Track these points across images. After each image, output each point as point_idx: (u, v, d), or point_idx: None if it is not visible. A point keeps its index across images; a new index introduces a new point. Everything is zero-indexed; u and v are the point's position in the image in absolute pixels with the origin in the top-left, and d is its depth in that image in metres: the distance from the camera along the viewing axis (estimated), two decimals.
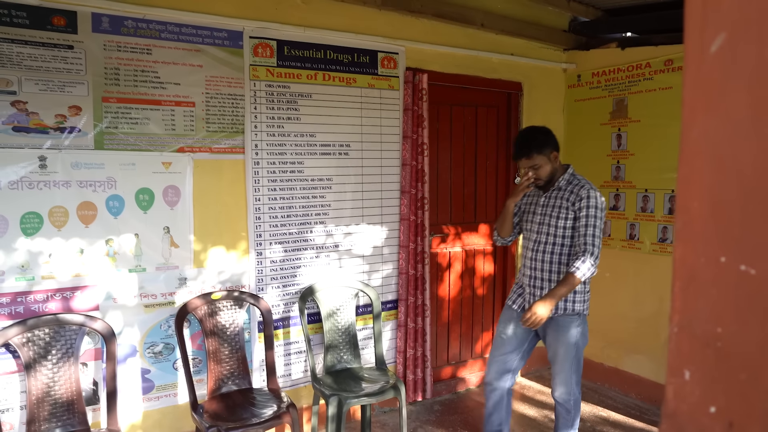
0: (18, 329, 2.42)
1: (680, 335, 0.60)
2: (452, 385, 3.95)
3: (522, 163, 2.65)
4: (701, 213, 0.58)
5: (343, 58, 3.27)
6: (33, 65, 2.50)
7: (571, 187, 2.62)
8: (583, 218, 2.53)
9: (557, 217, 2.61)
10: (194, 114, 2.86)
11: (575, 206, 2.56)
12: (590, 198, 2.54)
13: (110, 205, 2.69)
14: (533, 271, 2.72)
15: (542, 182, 2.66)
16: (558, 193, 2.65)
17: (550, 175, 2.65)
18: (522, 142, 2.65)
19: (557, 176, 2.68)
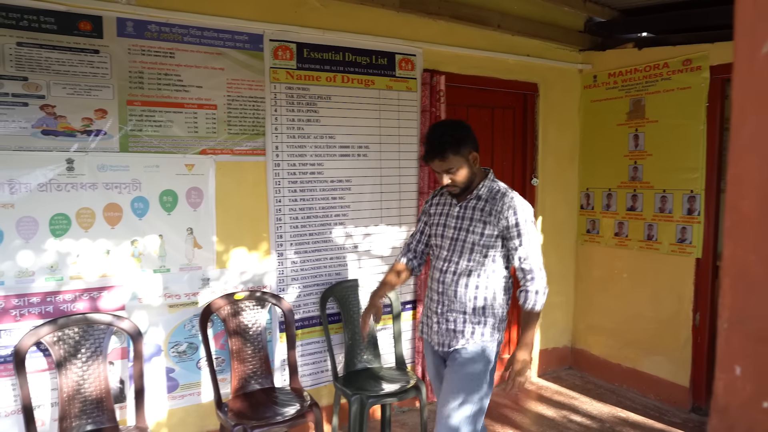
0: (49, 328, 2.48)
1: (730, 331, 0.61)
2: None
3: (435, 166, 2.18)
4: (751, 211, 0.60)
5: (361, 60, 3.30)
6: (60, 70, 2.56)
7: (491, 196, 2.20)
8: (515, 237, 2.12)
9: (473, 231, 2.18)
10: (216, 116, 2.90)
11: (499, 221, 2.13)
12: (519, 210, 2.11)
13: (135, 207, 2.73)
14: (442, 297, 2.26)
15: (458, 189, 2.21)
16: (477, 203, 2.21)
17: (467, 180, 2.19)
18: (434, 140, 2.15)
19: (476, 182, 2.24)
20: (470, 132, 2.22)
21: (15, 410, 2.50)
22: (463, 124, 2.24)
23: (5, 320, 2.48)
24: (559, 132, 4.22)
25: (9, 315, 2.49)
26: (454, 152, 2.12)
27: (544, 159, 4.16)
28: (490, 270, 2.20)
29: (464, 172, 2.16)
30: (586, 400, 3.84)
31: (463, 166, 2.15)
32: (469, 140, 2.18)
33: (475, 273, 2.20)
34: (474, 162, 2.19)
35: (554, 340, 4.35)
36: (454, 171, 2.15)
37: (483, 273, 2.20)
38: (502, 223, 2.13)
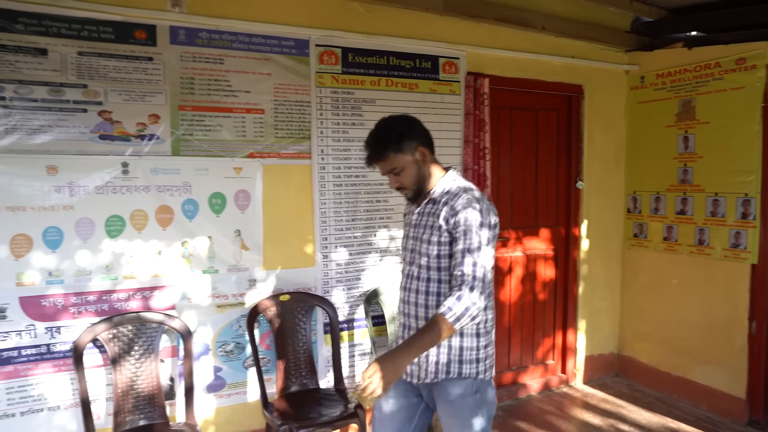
0: (105, 326, 2.57)
1: None
2: (513, 390, 3.91)
3: (380, 168, 1.94)
4: None
5: (405, 63, 3.31)
6: (117, 77, 2.66)
7: (447, 198, 1.88)
8: (459, 240, 1.79)
9: (429, 240, 1.87)
10: (263, 121, 2.96)
11: (450, 224, 1.82)
12: (467, 210, 1.79)
13: (186, 209, 2.81)
14: (406, 318, 1.97)
15: (409, 192, 1.95)
16: (432, 207, 1.91)
17: (417, 181, 1.92)
18: (373, 139, 1.92)
19: (430, 183, 1.95)
20: (416, 126, 1.95)
21: (73, 403, 2.60)
22: (406, 118, 1.99)
23: (65, 317, 2.59)
24: (605, 134, 4.14)
25: (68, 312, 2.59)
26: (396, 150, 1.87)
27: (590, 162, 4.08)
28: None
29: (411, 172, 1.90)
30: (635, 409, 3.74)
31: (409, 165, 1.89)
32: (414, 135, 1.91)
33: (433, 288, 1.87)
34: (423, 160, 1.91)
35: (600, 346, 4.26)
36: (398, 171, 1.90)
37: (443, 288, 1.86)
38: (450, 226, 1.82)
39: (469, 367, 1.86)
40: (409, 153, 1.89)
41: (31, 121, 2.51)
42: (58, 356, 2.58)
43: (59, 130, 2.56)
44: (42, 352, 2.56)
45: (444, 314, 1.69)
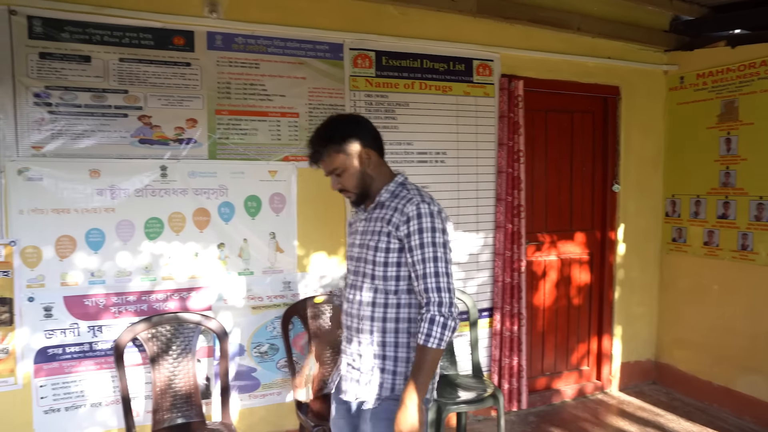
0: (144, 325, 2.63)
1: None
2: (547, 396, 3.86)
3: (323, 168, 1.83)
4: None
5: (438, 66, 3.31)
6: (156, 82, 2.72)
7: (396, 203, 1.75)
8: (416, 250, 1.67)
9: (376, 247, 1.74)
10: (298, 124, 2.99)
11: (400, 231, 1.70)
12: (421, 217, 1.67)
13: (222, 212, 2.86)
14: (348, 331, 1.85)
15: (352, 195, 1.83)
16: (380, 212, 1.79)
17: (360, 184, 1.80)
18: (315, 137, 1.81)
19: (376, 186, 1.82)
20: (362, 126, 1.84)
21: (114, 400, 2.67)
22: (353, 118, 1.90)
23: (106, 316, 2.66)
24: (643, 136, 4.05)
25: (109, 312, 2.66)
26: (338, 150, 1.76)
27: (627, 164, 4.00)
28: (404, 301, 1.74)
29: (353, 174, 1.78)
30: (673, 418, 3.64)
31: (352, 167, 1.77)
32: (358, 136, 1.78)
33: (380, 299, 1.75)
34: (368, 162, 1.79)
35: (636, 352, 4.16)
36: (340, 173, 1.79)
37: (390, 299, 1.74)
38: (403, 233, 1.70)
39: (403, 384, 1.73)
40: (352, 154, 1.77)
41: (75, 126, 2.59)
42: (99, 354, 2.65)
43: (101, 134, 2.63)
44: (85, 350, 2.63)
45: (425, 344, 1.63)
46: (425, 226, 1.67)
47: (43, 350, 2.56)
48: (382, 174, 1.83)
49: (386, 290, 1.74)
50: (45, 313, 2.57)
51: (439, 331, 1.62)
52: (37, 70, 2.52)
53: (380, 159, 1.84)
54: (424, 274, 1.66)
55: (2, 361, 2.51)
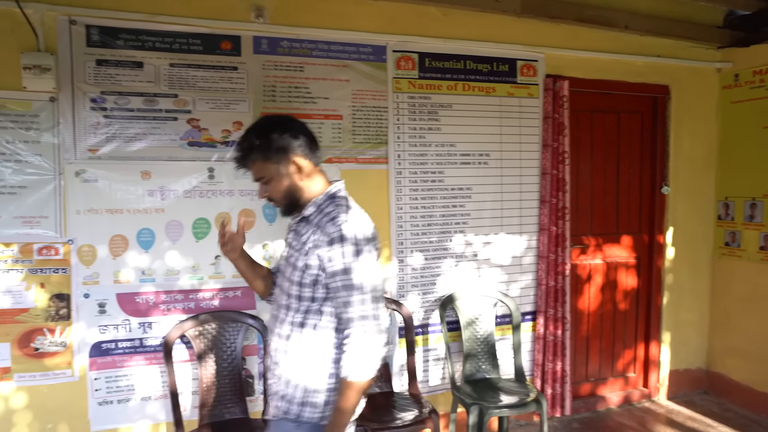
0: (192, 323, 2.70)
1: None
2: (591, 403, 3.78)
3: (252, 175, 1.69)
4: None
5: (482, 67, 3.28)
6: (204, 86, 2.79)
7: (320, 219, 1.61)
8: (338, 275, 1.54)
9: (294, 265, 1.62)
10: (341, 126, 3.02)
11: (322, 251, 1.55)
12: (344, 241, 1.53)
13: (266, 213, 2.91)
14: (272, 351, 1.71)
15: (279, 205, 1.70)
16: (304, 226, 1.65)
17: (286, 194, 1.66)
18: (240, 141, 1.67)
19: (307, 197, 1.67)
20: (292, 132, 1.64)
21: (162, 395, 2.75)
22: (283, 121, 1.70)
23: (155, 313, 2.74)
24: (693, 136, 3.92)
25: (158, 309, 2.75)
26: (264, 158, 1.61)
27: (676, 166, 3.88)
28: (321, 326, 1.60)
29: (280, 183, 1.64)
30: (726, 430, 3.51)
31: (278, 176, 1.63)
32: (286, 142, 1.61)
33: (297, 320, 1.62)
34: (297, 171, 1.63)
35: (686, 360, 4.03)
36: (266, 181, 1.65)
37: (308, 321, 1.61)
38: (325, 255, 1.55)
39: (311, 411, 1.60)
40: (279, 162, 1.62)
41: (128, 129, 2.68)
42: (149, 350, 2.74)
43: (152, 137, 2.72)
44: (135, 345, 2.72)
45: (347, 379, 1.52)
46: (347, 250, 1.52)
47: (98, 345, 2.67)
48: (314, 184, 1.68)
49: (297, 309, 1.61)
50: (99, 309, 2.67)
51: (362, 361, 1.51)
52: (94, 76, 2.63)
53: (314, 167, 1.68)
54: (346, 302, 1.53)
55: (61, 353, 2.63)
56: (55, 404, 2.63)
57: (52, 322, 2.62)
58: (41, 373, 2.61)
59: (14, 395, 2.59)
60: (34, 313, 2.59)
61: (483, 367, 3.19)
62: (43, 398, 2.61)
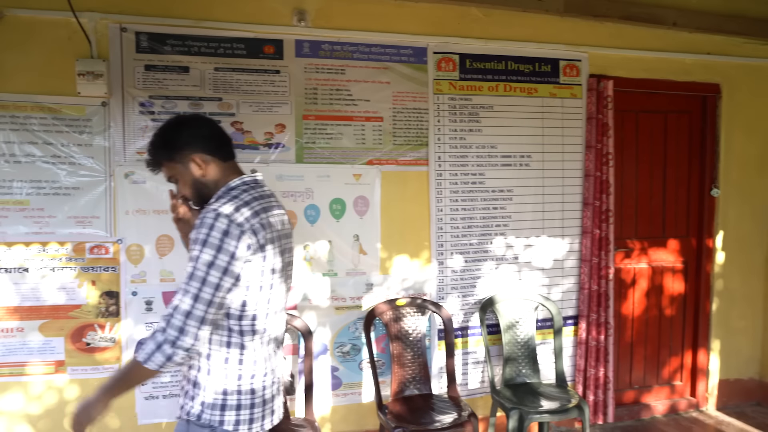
0: None
1: None
2: (635, 411, 3.68)
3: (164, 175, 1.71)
4: None
5: (524, 68, 3.24)
6: (248, 90, 2.85)
7: None
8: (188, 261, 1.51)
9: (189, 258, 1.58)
10: (382, 128, 3.03)
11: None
12: (201, 227, 1.48)
13: (308, 214, 2.94)
14: None
15: (195, 203, 1.71)
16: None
17: (194, 192, 1.66)
18: (148, 144, 1.67)
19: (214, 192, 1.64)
20: (195, 129, 1.65)
21: None
22: (184, 121, 1.69)
23: None
24: (746, 136, 3.77)
25: None
26: (168, 157, 1.62)
27: (727, 167, 3.74)
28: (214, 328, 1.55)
29: (186, 182, 1.64)
30: None
31: (184, 174, 1.63)
32: (189, 140, 1.61)
33: None
34: (201, 168, 1.61)
35: (737, 370, 3.88)
36: (176, 181, 1.66)
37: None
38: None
39: (211, 413, 1.54)
40: (182, 160, 1.61)
41: None
42: None
43: None
44: None
45: (135, 353, 1.46)
46: (199, 237, 1.48)
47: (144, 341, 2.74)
48: (223, 179, 1.65)
49: None
50: (146, 306, 2.75)
51: (152, 348, 1.44)
52: (143, 81, 2.72)
53: (222, 163, 1.65)
54: (178, 290, 1.48)
55: (110, 349, 2.72)
56: None
57: (103, 319, 2.71)
58: (92, 367, 2.71)
59: (68, 387, 2.69)
60: (86, 310, 2.70)
61: (523, 372, 3.15)
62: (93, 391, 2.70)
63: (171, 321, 1.44)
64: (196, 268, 1.45)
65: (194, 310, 1.44)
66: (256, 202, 1.58)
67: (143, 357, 1.44)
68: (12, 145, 2.60)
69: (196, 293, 1.45)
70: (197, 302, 1.45)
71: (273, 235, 1.59)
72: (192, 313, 1.44)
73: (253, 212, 1.54)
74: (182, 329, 1.43)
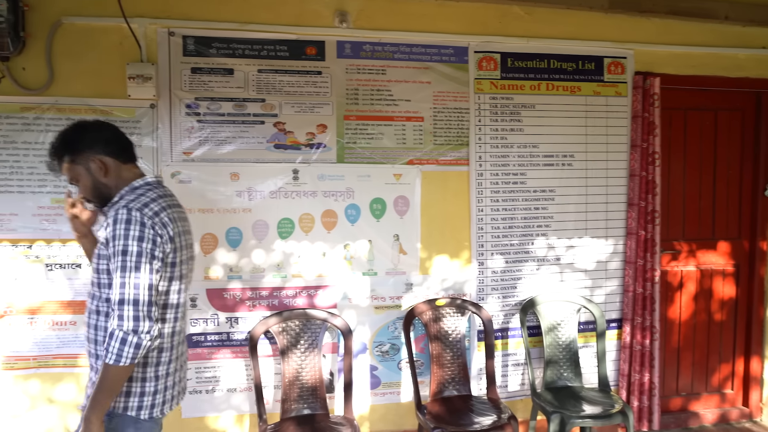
0: (276, 319, 2.80)
1: None
2: (682, 418, 3.56)
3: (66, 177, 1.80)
4: None
5: (567, 66, 3.19)
6: (290, 91, 2.89)
7: (111, 209, 1.70)
8: (112, 258, 1.59)
9: (97, 254, 1.68)
10: (423, 128, 3.03)
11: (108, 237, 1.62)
12: (117, 223, 1.59)
13: (348, 214, 2.96)
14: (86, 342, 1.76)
15: (93, 202, 1.81)
16: (104, 220, 1.71)
17: (94, 194, 1.76)
18: (50, 148, 1.76)
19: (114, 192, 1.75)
20: (93, 132, 1.75)
21: (247, 387, 2.87)
22: (83, 125, 1.77)
23: (241, 309, 2.86)
24: None
25: (244, 305, 2.87)
26: (68, 160, 1.72)
27: None
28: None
29: (86, 184, 1.74)
30: None
31: (84, 176, 1.73)
32: (87, 143, 1.72)
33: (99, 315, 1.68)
34: (102, 170, 1.72)
35: None
36: (77, 182, 1.76)
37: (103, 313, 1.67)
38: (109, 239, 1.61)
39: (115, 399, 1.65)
40: (83, 163, 1.72)
41: (219, 133, 2.83)
42: (235, 344, 2.86)
43: (241, 140, 2.84)
44: (223, 339, 2.86)
45: (106, 359, 1.55)
46: (119, 233, 1.58)
47: (188, 337, 2.82)
48: (124, 180, 1.76)
49: (99, 296, 1.67)
50: (191, 303, 2.82)
51: (117, 346, 1.54)
52: (189, 83, 2.79)
53: (122, 165, 1.76)
54: (114, 284, 1.58)
55: None
56: None
57: None
58: None
59: None
60: None
61: (565, 375, 3.09)
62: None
63: (123, 315, 1.55)
64: (126, 260, 1.57)
65: (140, 296, 1.57)
66: (161, 200, 1.71)
67: (114, 359, 1.54)
68: None
69: (136, 282, 1.57)
70: (139, 289, 1.57)
71: (179, 230, 1.73)
72: (139, 299, 1.57)
73: (160, 207, 1.68)
74: (137, 317, 1.55)
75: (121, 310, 1.55)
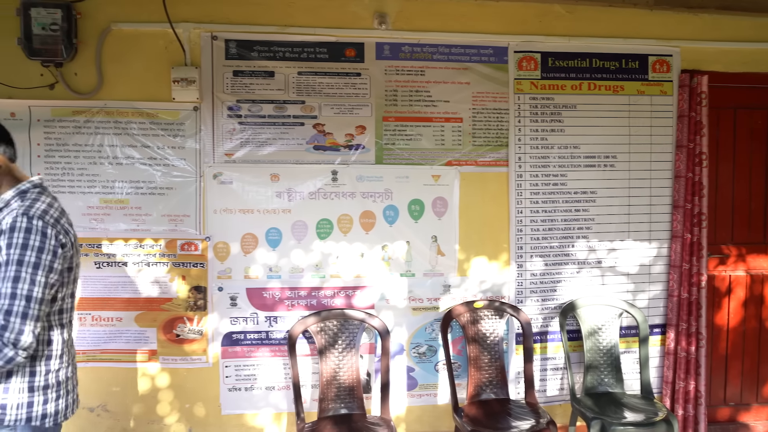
0: (315, 319, 2.83)
1: None
2: (730, 430, 3.43)
3: None
4: None
5: (609, 65, 3.12)
6: (329, 92, 2.92)
7: (4, 214, 1.62)
8: (4, 266, 1.54)
9: None
10: (461, 129, 3.01)
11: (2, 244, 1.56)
12: (14, 231, 1.54)
13: (386, 215, 2.97)
14: None
15: None
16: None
17: None
18: None
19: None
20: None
21: (285, 386, 2.91)
22: None
23: (280, 308, 2.90)
24: None
25: (283, 304, 2.91)
26: None
27: None
28: None
29: None
30: None
31: None
32: None
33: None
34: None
35: None
36: None
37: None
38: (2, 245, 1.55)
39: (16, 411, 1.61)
40: None
41: (259, 134, 2.87)
42: (274, 342, 2.90)
43: (281, 142, 2.88)
44: (262, 337, 2.90)
45: None
46: (15, 242, 1.54)
47: (229, 335, 2.88)
48: (7, 182, 1.69)
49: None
50: (231, 302, 2.88)
51: None
52: (231, 86, 2.85)
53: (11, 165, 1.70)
54: (3, 292, 1.52)
55: (198, 341, 2.87)
56: (192, 386, 2.88)
57: (191, 312, 2.86)
58: (181, 357, 2.87)
59: (159, 375, 2.87)
60: (177, 303, 2.86)
61: (605, 380, 3.03)
62: (182, 380, 2.87)
63: (8, 326, 1.51)
64: (22, 271, 1.53)
65: (29, 310, 1.54)
66: (55, 204, 1.71)
67: None
68: (115, 149, 2.80)
69: (28, 294, 1.54)
70: (30, 302, 1.54)
71: (74, 233, 1.76)
72: (27, 314, 1.53)
73: (59, 213, 1.69)
74: (21, 330, 1.52)
75: (7, 320, 1.51)
